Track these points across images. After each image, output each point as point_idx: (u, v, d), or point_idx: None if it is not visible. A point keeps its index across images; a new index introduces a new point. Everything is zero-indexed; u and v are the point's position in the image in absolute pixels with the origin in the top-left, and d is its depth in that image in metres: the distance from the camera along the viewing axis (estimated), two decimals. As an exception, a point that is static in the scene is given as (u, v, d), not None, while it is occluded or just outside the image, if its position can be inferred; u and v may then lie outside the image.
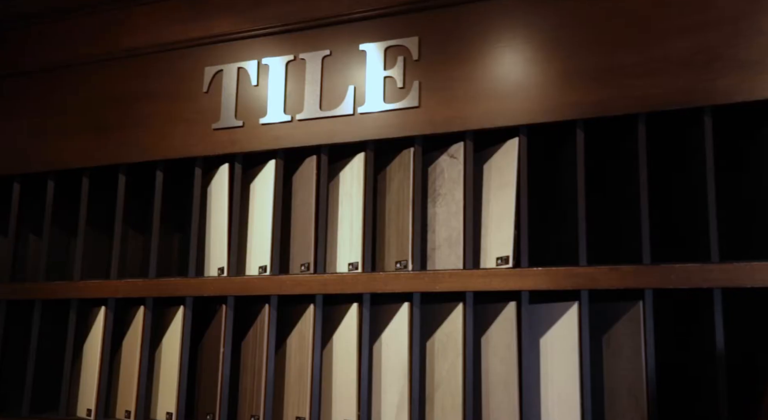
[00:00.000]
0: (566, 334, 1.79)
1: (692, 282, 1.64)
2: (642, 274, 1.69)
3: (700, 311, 1.68)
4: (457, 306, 1.90)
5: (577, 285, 1.75)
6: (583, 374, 1.74)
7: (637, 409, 1.68)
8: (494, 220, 1.92)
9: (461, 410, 1.84)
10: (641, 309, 1.70)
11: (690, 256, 1.70)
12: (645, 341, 1.69)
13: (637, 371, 1.70)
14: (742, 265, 1.60)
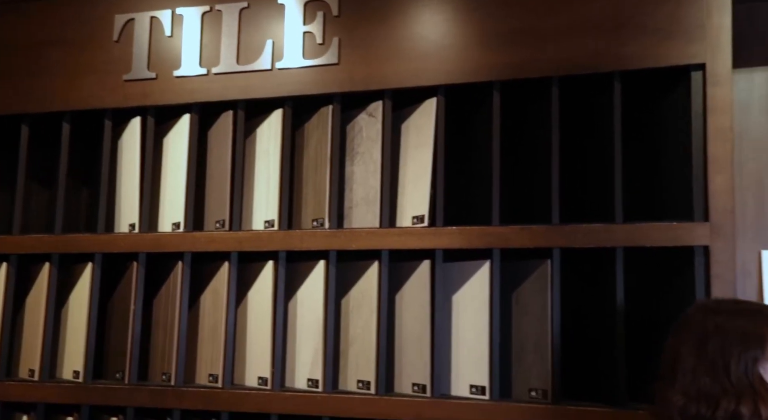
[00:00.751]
0: (478, 291, 1.82)
1: (597, 241, 1.69)
2: (551, 234, 1.73)
3: (604, 269, 1.73)
4: (373, 264, 1.90)
5: (490, 244, 1.78)
6: (492, 330, 1.77)
7: (543, 364, 1.74)
8: (411, 180, 1.92)
9: (374, 366, 1.85)
10: (549, 267, 1.75)
11: (597, 216, 1.75)
12: (552, 298, 1.74)
13: (544, 327, 1.75)
14: (643, 226, 1.67)
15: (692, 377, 1.23)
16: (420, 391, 1.82)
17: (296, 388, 1.95)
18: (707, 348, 1.23)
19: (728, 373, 1.21)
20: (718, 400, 1.20)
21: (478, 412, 1.73)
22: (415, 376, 1.84)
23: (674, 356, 1.27)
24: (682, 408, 1.22)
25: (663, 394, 1.26)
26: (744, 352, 1.21)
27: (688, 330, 1.27)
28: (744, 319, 1.25)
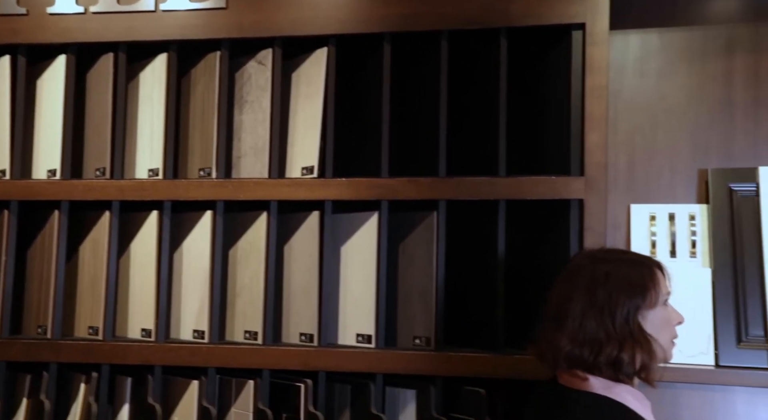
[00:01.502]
0: (366, 242, 1.83)
1: (481, 194, 1.73)
2: (437, 186, 1.76)
3: (487, 221, 1.78)
4: (261, 215, 1.87)
5: (378, 195, 1.79)
6: (379, 280, 1.79)
7: (427, 312, 1.78)
8: (300, 130, 1.89)
9: (262, 316, 1.84)
10: (435, 219, 1.78)
11: (481, 170, 1.78)
12: (437, 249, 1.77)
13: (429, 277, 1.78)
14: (524, 180, 1.72)
15: (580, 323, 1.27)
16: (307, 340, 1.82)
17: (181, 339, 1.90)
18: (596, 295, 1.27)
19: (613, 320, 1.26)
20: (602, 346, 1.25)
21: (363, 360, 1.76)
22: (303, 326, 1.84)
23: (563, 302, 1.30)
24: (569, 352, 1.27)
25: (550, 337, 1.30)
26: (628, 301, 1.27)
27: (578, 277, 1.31)
28: (629, 269, 1.30)
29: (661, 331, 1.29)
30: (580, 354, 1.26)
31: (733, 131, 1.84)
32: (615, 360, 1.24)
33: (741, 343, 1.73)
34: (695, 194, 1.85)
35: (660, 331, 1.28)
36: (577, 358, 1.26)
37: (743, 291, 1.75)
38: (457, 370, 1.72)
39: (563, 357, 1.28)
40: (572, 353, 1.27)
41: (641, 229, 1.86)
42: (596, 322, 1.26)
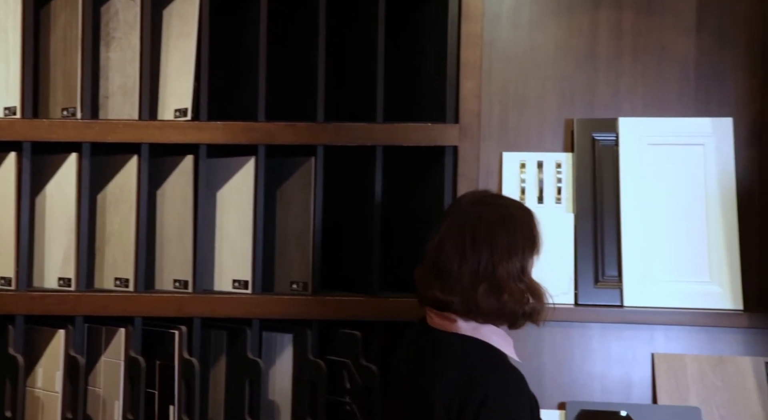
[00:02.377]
0: (242, 187, 1.79)
1: (359, 140, 1.73)
2: (315, 132, 1.74)
3: (365, 166, 1.78)
4: (132, 158, 1.79)
5: (255, 140, 1.74)
6: (256, 226, 1.76)
7: (304, 257, 1.77)
8: (173, 70, 1.80)
9: (133, 263, 1.77)
10: (313, 164, 1.76)
11: (359, 116, 1.77)
12: (315, 195, 1.76)
13: (306, 222, 1.77)
14: (401, 126, 1.73)
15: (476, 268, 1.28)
16: (181, 286, 1.78)
17: (46, 287, 1.81)
18: (493, 241, 1.29)
19: (508, 267, 1.28)
20: (499, 292, 1.28)
21: (240, 306, 1.74)
22: (177, 273, 1.79)
23: (441, 246, 1.31)
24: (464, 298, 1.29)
25: (427, 282, 1.32)
26: (521, 249, 1.30)
27: (462, 222, 1.31)
28: (521, 217, 1.32)
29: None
30: (474, 300, 1.28)
31: (597, 83, 1.91)
32: (511, 307, 1.28)
33: (598, 283, 1.84)
34: (562, 143, 1.93)
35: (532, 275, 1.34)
36: (490, 306, 1.28)
37: (602, 235, 1.86)
38: (333, 314, 1.73)
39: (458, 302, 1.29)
40: (465, 299, 1.28)
41: (512, 176, 1.92)
42: (491, 267, 1.28)
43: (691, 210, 1.83)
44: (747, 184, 1.85)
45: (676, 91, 1.89)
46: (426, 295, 1.34)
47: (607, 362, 1.79)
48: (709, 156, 1.84)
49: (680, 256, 1.82)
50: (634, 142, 1.86)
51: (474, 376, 1.26)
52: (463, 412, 1.24)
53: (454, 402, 1.25)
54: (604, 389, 1.79)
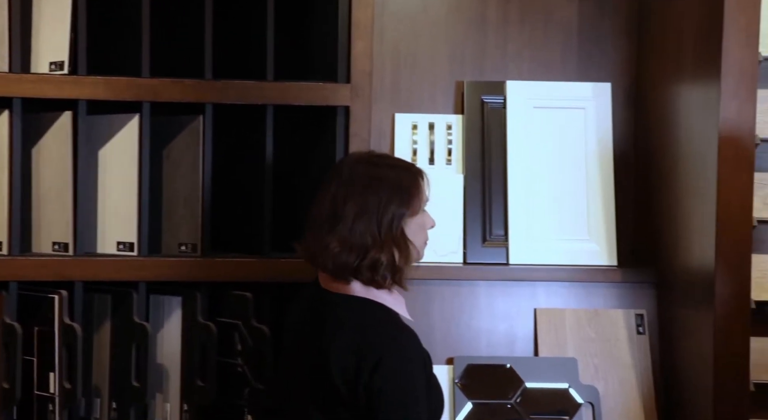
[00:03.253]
0: (126, 146, 1.71)
1: (249, 98, 1.69)
2: (203, 89, 1.68)
3: (255, 126, 1.74)
4: (2, 114, 1.67)
5: (139, 96, 1.67)
6: (141, 186, 1.70)
7: (193, 218, 1.72)
8: (47, 20, 1.69)
9: (6, 225, 1.67)
10: (201, 123, 1.70)
11: (250, 73, 1.73)
12: (203, 154, 1.71)
13: (195, 182, 1.72)
14: (292, 85, 1.70)
15: (351, 226, 1.28)
16: (61, 249, 1.69)
17: None
18: (367, 200, 1.28)
19: (380, 226, 1.28)
20: (368, 250, 1.28)
21: (125, 268, 1.67)
22: (56, 235, 1.70)
23: (334, 205, 1.30)
24: (337, 255, 1.29)
25: (321, 240, 1.31)
26: (395, 208, 1.30)
27: (350, 181, 1.30)
28: (399, 176, 1.32)
29: (417, 236, 1.35)
30: (347, 258, 1.29)
31: (486, 46, 1.95)
32: (375, 263, 1.29)
33: (485, 242, 1.90)
34: (453, 105, 1.96)
35: (416, 235, 1.34)
36: (344, 262, 1.29)
37: (489, 195, 1.91)
38: (224, 276, 1.70)
39: (332, 260, 1.30)
40: (340, 257, 1.29)
41: (404, 138, 1.94)
42: (365, 226, 1.28)
43: (572, 171, 1.91)
44: (623, 146, 1.95)
45: (560, 56, 1.95)
46: (317, 255, 1.34)
47: (493, 318, 1.86)
48: (589, 119, 1.92)
49: (562, 216, 1.90)
50: (521, 105, 1.91)
51: (368, 336, 1.28)
52: (359, 373, 1.25)
53: (350, 363, 1.26)
54: (490, 344, 1.85)
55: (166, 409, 1.72)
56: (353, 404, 1.26)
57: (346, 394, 1.26)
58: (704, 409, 1.63)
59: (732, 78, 1.56)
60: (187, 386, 1.70)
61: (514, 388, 1.77)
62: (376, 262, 1.29)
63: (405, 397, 1.25)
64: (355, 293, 1.32)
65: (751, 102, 1.56)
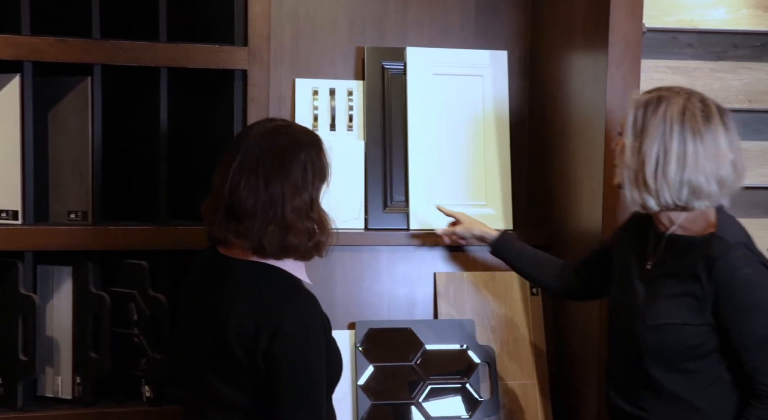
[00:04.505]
0: (7, 108, 1.61)
1: (140, 60, 1.62)
2: (90, 49, 1.60)
3: (148, 89, 1.67)
4: None
5: (20, 55, 1.57)
6: (25, 151, 1.61)
7: (82, 185, 1.65)
8: None
9: None
10: (89, 85, 1.63)
11: (140, 34, 1.65)
12: (92, 117, 1.63)
13: (84, 147, 1.65)
14: (186, 47, 1.64)
15: (281, 207, 1.25)
16: (-65, 218, 1.59)
17: None
18: (288, 179, 1.25)
19: (307, 203, 1.26)
20: (289, 226, 1.25)
21: (9, 238, 1.58)
22: (-71, 203, 1.59)
23: (234, 184, 1.25)
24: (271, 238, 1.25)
25: (218, 221, 1.27)
26: (315, 181, 1.28)
27: (263, 159, 1.26)
28: (310, 149, 1.29)
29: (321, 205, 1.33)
30: (299, 242, 1.26)
31: (387, 12, 1.93)
32: (318, 244, 1.27)
33: (387, 208, 1.91)
34: (353, 70, 1.94)
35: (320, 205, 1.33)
36: (280, 245, 1.26)
37: (390, 162, 1.92)
38: (117, 244, 1.64)
39: (248, 246, 1.26)
40: (253, 242, 1.25)
41: (305, 103, 1.91)
42: (281, 207, 1.25)
43: (470, 138, 1.94)
44: (518, 113, 1.99)
45: (458, 24, 1.96)
46: (216, 235, 1.30)
47: (394, 282, 1.88)
48: (486, 86, 1.95)
49: (460, 181, 1.94)
50: (421, 71, 1.92)
51: (268, 301, 1.26)
52: (258, 338, 1.23)
53: (249, 328, 1.24)
54: (391, 308, 1.88)
55: (58, 382, 1.66)
56: (252, 370, 1.25)
57: (245, 359, 1.25)
58: (590, 362, 1.71)
59: (618, 48, 1.62)
60: (80, 358, 1.64)
61: (415, 351, 1.80)
62: (310, 239, 1.27)
63: (304, 362, 1.25)
64: (253, 258, 1.30)
65: (635, 71, 1.63)
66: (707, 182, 1.31)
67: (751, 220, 1.93)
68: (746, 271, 1.32)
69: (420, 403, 1.77)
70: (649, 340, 1.37)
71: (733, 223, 1.39)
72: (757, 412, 1.32)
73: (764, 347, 1.32)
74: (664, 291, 1.37)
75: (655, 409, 1.38)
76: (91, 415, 1.62)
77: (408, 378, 1.79)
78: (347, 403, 1.75)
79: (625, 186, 1.37)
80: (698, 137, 1.31)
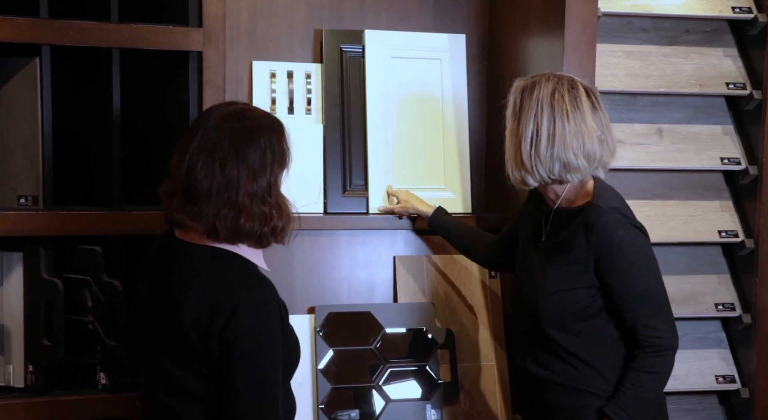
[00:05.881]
0: (-50, 90, 1.56)
1: (91, 40, 1.58)
2: (38, 29, 1.55)
3: (100, 70, 1.63)
4: None
5: (-37, 35, 1.52)
6: (-30, 134, 1.56)
7: (32, 169, 1.61)
8: None
9: None
10: (38, 66, 1.58)
11: (91, 14, 1.61)
12: (41, 99, 1.59)
13: (33, 130, 1.60)
14: (139, 27, 1.60)
15: (237, 192, 1.23)
16: None
17: None
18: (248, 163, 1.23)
19: (266, 188, 1.25)
20: (259, 215, 1.24)
21: (-45, 223, 1.54)
22: None
23: (191, 168, 1.23)
24: (230, 223, 1.23)
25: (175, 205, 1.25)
26: (274, 166, 1.26)
27: (223, 142, 1.24)
28: (271, 133, 1.27)
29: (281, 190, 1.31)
30: (243, 225, 1.24)
31: (345, -7, 1.92)
32: (263, 227, 1.25)
33: (346, 192, 1.90)
34: (311, 53, 1.92)
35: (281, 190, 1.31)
36: (236, 230, 1.24)
37: (349, 145, 1.91)
38: (69, 230, 1.60)
39: (224, 227, 1.23)
40: (232, 225, 1.23)
41: (262, 86, 1.89)
42: (236, 192, 1.23)
43: (428, 121, 1.94)
44: (476, 97, 2.00)
45: (416, 7, 1.96)
46: (173, 217, 1.27)
47: (354, 266, 1.88)
48: (445, 70, 1.95)
49: (419, 165, 1.94)
50: (379, 54, 1.91)
51: (223, 287, 1.25)
52: (212, 323, 1.22)
53: (204, 314, 1.22)
54: (351, 292, 1.88)
55: (9, 370, 1.62)
56: (207, 355, 1.23)
57: (199, 345, 1.23)
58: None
59: (574, 32, 1.63)
60: (32, 346, 1.60)
61: (375, 334, 1.81)
62: (266, 224, 1.25)
63: (260, 348, 1.24)
64: (209, 243, 1.29)
65: (591, 55, 1.65)
66: (575, 157, 1.42)
67: (702, 203, 1.98)
68: (620, 233, 1.42)
69: (380, 386, 1.78)
70: (543, 306, 1.47)
71: (607, 191, 1.49)
72: (642, 361, 1.42)
73: (642, 302, 1.42)
74: (555, 260, 1.47)
75: (557, 369, 1.48)
76: (45, 404, 1.59)
77: (368, 361, 1.79)
78: (307, 387, 1.75)
79: (507, 165, 1.49)
80: (565, 117, 1.42)
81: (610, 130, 1.47)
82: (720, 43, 1.94)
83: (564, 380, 1.47)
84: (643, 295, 1.43)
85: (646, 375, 1.42)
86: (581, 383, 1.46)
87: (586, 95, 1.44)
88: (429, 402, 1.79)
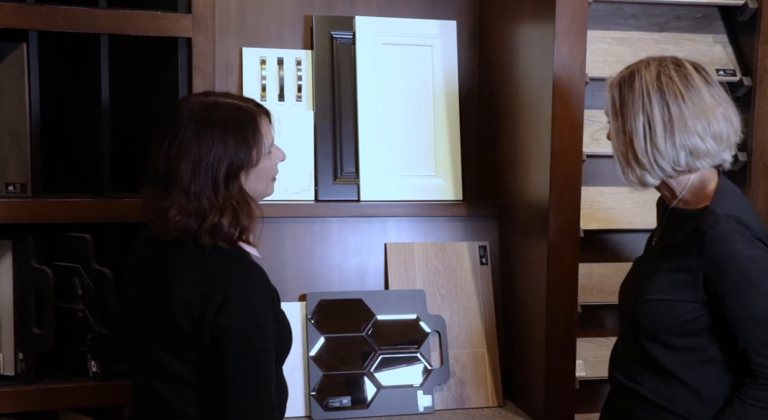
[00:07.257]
0: (-63, 76, 1.54)
1: (79, 26, 1.56)
2: (25, 14, 1.54)
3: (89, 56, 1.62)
4: None
5: (-51, 20, 1.50)
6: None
7: (21, 156, 1.60)
8: None
9: None
10: (25, 51, 1.56)
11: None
12: (29, 86, 1.58)
13: (21, 117, 1.59)
14: (128, 13, 1.59)
15: (186, 188, 1.22)
16: None
17: None
18: (200, 156, 1.22)
19: (215, 185, 1.23)
20: (206, 214, 1.23)
21: (-58, 211, 1.53)
22: None
23: (168, 162, 1.23)
24: (176, 222, 1.23)
25: (157, 204, 1.24)
26: (230, 161, 1.24)
27: (183, 133, 1.23)
28: (234, 125, 1.25)
29: (262, 179, 1.31)
30: (186, 223, 1.23)
31: (335, -21, 1.91)
32: (215, 227, 1.23)
33: (337, 180, 1.90)
34: (302, 40, 1.91)
35: (261, 179, 1.30)
36: (183, 227, 1.23)
37: (340, 132, 1.90)
38: (59, 217, 1.59)
39: (171, 226, 1.23)
40: (179, 223, 1.23)
41: (253, 73, 1.88)
42: (200, 187, 1.22)
43: (420, 108, 1.94)
44: (468, 84, 1.99)
45: (407, -7, 1.95)
46: (155, 220, 1.26)
47: (345, 254, 1.88)
48: (436, 56, 1.94)
49: (410, 152, 1.93)
50: (370, 41, 1.90)
51: (215, 274, 1.24)
52: (204, 311, 1.22)
53: (195, 300, 1.22)
54: (342, 279, 1.87)
55: (-1, 358, 1.62)
56: (198, 342, 1.24)
57: (190, 332, 1.23)
58: (538, 330, 1.74)
59: (564, 19, 1.63)
60: (22, 334, 1.59)
61: (366, 321, 1.81)
62: (216, 226, 1.23)
63: (252, 334, 1.24)
64: (200, 231, 1.28)
65: (581, 42, 1.64)
66: (702, 141, 1.28)
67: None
68: (737, 246, 1.26)
69: (372, 373, 1.78)
70: (640, 314, 1.35)
71: (730, 196, 1.33)
72: (751, 392, 1.28)
73: (757, 325, 1.27)
74: (662, 266, 1.34)
75: (648, 383, 1.36)
76: (36, 392, 1.58)
77: (359, 348, 1.80)
78: (299, 374, 1.75)
79: (619, 168, 1.34)
80: (680, 99, 1.27)
81: (732, 105, 1.32)
82: (710, 30, 1.93)
83: (654, 397, 1.34)
84: (762, 319, 1.26)
85: (753, 408, 1.27)
86: (673, 404, 1.33)
87: (695, 71, 1.29)
88: (420, 388, 1.79)
